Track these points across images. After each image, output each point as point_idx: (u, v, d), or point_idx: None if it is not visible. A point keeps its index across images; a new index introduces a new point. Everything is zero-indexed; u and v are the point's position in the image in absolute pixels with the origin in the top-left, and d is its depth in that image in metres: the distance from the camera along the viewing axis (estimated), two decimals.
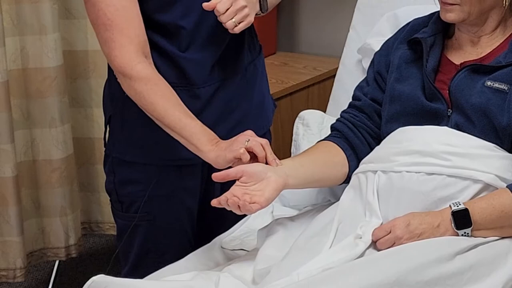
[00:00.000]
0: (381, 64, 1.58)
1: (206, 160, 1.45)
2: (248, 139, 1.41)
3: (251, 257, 1.44)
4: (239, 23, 1.48)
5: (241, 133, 1.44)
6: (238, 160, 1.41)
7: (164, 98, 1.47)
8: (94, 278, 1.33)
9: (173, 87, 1.52)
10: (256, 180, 1.38)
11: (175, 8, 1.52)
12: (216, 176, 1.39)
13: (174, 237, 1.68)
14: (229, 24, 1.47)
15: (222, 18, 1.47)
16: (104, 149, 1.69)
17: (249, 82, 1.66)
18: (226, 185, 1.42)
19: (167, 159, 1.59)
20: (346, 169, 1.52)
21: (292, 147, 1.84)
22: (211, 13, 1.50)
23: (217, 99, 1.60)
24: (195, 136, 1.45)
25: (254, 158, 1.42)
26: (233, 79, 1.62)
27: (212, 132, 1.47)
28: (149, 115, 1.49)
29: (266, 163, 1.42)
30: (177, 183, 1.63)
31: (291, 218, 1.52)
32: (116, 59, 1.47)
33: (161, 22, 1.53)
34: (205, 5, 1.47)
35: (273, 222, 1.50)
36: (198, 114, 1.55)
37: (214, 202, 1.38)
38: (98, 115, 2.35)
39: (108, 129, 1.66)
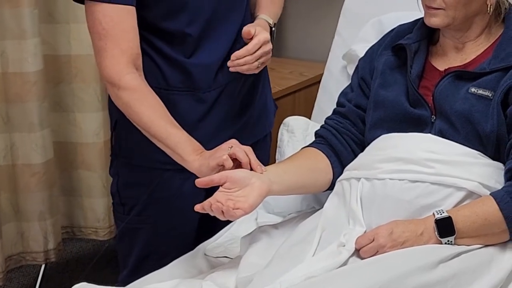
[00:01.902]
0: (365, 70, 1.57)
1: (190, 170, 1.46)
2: (231, 145, 1.41)
3: (234, 265, 1.43)
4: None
5: (225, 142, 1.44)
6: (222, 167, 1.40)
7: (151, 108, 1.47)
8: (76, 286, 1.33)
9: (178, 91, 1.54)
10: (240, 186, 1.37)
11: (181, 16, 1.53)
12: (199, 182, 1.39)
13: (175, 241, 1.68)
14: (253, 65, 1.51)
15: (248, 58, 1.50)
16: (110, 153, 1.70)
17: (252, 85, 1.68)
18: None
19: (169, 163, 1.58)
20: (330, 176, 1.51)
21: (277, 153, 1.83)
22: (217, 20, 1.51)
23: (221, 103, 1.61)
24: (180, 146, 1.45)
25: (239, 165, 1.41)
26: (236, 83, 1.63)
27: (197, 143, 1.47)
28: (135, 124, 1.49)
29: (251, 170, 1.41)
30: (180, 187, 1.64)
31: (275, 226, 1.51)
32: (106, 68, 1.47)
33: (167, 29, 1.54)
34: (245, 32, 1.50)
35: (256, 230, 1.50)
36: (203, 117, 1.57)
37: (198, 208, 1.37)
38: (81, 120, 2.34)
39: (114, 133, 1.67)
